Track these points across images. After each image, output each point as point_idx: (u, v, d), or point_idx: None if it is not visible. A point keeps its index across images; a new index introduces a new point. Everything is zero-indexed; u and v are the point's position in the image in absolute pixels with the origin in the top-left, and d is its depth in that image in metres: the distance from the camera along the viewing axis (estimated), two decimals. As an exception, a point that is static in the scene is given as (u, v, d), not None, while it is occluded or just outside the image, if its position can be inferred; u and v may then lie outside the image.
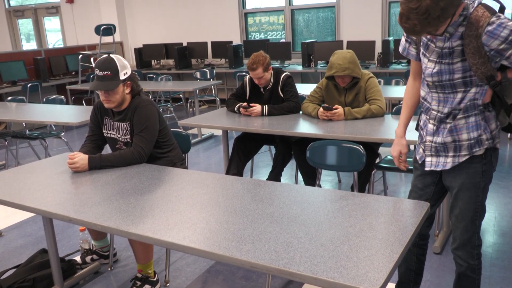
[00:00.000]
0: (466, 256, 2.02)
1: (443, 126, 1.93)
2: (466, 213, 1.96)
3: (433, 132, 1.97)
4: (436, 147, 1.97)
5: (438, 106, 1.92)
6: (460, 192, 1.96)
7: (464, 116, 1.88)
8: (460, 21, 1.76)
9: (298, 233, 1.62)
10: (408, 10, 1.60)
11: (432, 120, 1.96)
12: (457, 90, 1.86)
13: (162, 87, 6.76)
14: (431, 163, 2.01)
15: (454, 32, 1.79)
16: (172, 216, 1.82)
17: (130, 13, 9.45)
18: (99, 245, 3.01)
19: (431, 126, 1.97)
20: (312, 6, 7.85)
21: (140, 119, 2.62)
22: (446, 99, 1.90)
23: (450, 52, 1.82)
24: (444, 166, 1.97)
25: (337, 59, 3.25)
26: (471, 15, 1.74)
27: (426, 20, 1.60)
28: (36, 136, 4.99)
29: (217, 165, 5.09)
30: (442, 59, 1.84)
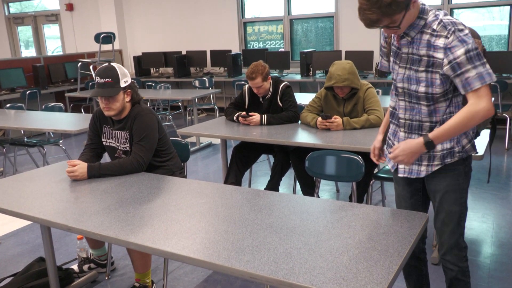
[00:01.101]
0: (455, 259, 2.05)
1: (416, 135, 1.97)
2: (453, 215, 1.99)
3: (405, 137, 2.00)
4: None
5: (404, 114, 1.98)
6: (445, 195, 1.99)
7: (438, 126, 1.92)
8: (420, 25, 1.84)
9: (297, 243, 1.62)
10: (362, 2, 1.76)
11: (403, 128, 2.01)
12: (421, 102, 1.92)
13: (161, 95, 6.77)
14: (404, 170, 2.05)
15: (416, 37, 1.85)
16: (171, 226, 1.82)
17: (129, 21, 9.49)
18: (97, 253, 3.00)
19: (402, 134, 2.02)
20: (310, 16, 7.89)
21: (139, 128, 2.62)
22: (412, 108, 1.95)
23: (418, 59, 1.87)
24: (419, 174, 2.01)
25: (336, 70, 3.27)
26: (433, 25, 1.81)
27: (378, 8, 1.72)
28: (35, 143, 4.98)
29: (216, 173, 5.09)
30: (411, 65, 1.91)
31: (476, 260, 2.96)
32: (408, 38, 1.88)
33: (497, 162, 4.96)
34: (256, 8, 8.49)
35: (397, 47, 1.96)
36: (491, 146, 2.38)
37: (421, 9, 1.84)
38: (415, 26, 1.84)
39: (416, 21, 1.84)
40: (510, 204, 3.85)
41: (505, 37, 6.60)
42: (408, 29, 1.86)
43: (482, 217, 3.62)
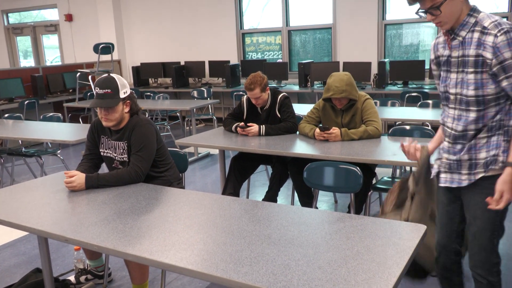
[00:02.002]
0: (485, 273, 1.99)
1: (461, 146, 1.94)
2: (484, 232, 1.94)
3: (448, 150, 1.99)
4: (449, 163, 1.99)
5: (452, 124, 1.95)
6: (479, 211, 1.94)
7: (488, 135, 1.88)
8: (471, 23, 1.82)
9: (295, 255, 1.61)
10: None
11: (448, 138, 1.99)
12: (470, 108, 1.88)
13: (159, 105, 6.78)
14: (445, 179, 2.02)
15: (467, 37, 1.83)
16: (169, 237, 1.82)
17: (128, 32, 9.54)
18: (94, 264, 2.99)
19: (447, 143, 2.00)
20: (309, 27, 7.94)
21: (137, 138, 2.62)
22: (460, 117, 1.92)
23: (467, 61, 1.85)
24: (460, 183, 1.97)
25: (334, 82, 3.28)
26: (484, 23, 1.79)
27: None
28: (32, 153, 4.98)
29: (214, 184, 5.08)
30: (462, 67, 1.87)
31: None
32: (459, 38, 1.86)
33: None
34: (255, 19, 8.54)
35: (447, 55, 1.94)
36: None
37: (472, 8, 1.83)
38: (465, 24, 1.83)
39: (466, 18, 1.82)
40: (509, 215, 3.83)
41: (501, 49, 6.64)
42: (459, 29, 1.84)
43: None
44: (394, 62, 6.91)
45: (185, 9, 8.83)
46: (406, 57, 7.30)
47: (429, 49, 7.08)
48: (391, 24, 7.26)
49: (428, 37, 7.14)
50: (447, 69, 1.95)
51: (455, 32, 1.86)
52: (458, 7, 1.81)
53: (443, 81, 1.98)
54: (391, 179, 3.48)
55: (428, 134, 3.47)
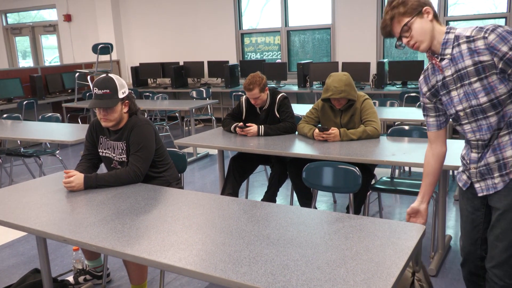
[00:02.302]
0: (503, 275, 1.97)
1: (486, 149, 1.92)
2: (508, 234, 1.92)
3: (478, 159, 1.95)
4: (480, 171, 1.95)
5: (475, 136, 1.92)
6: (504, 213, 1.91)
7: (509, 131, 1.86)
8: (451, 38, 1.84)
9: (294, 255, 1.61)
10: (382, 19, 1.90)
11: (475, 149, 1.95)
12: (487, 114, 1.85)
13: (158, 105, 6.78)
14: (481, 188, 1.98)
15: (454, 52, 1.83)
16: (168, 237, 1.81)
17: (127, 32, 9.53)
18: (93, 265, 2.98)
19: (474, 155, 1.96)
20: (308, 27, 7.95)
21: (136, 139, 2.62)
22: (480, 127, 1.89)
23: (465, 73, 1.83)
24: (496, 188, 1.94)
25: (333, 82, 3.28)
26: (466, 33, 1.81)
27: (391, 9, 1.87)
28: (31, 154, 4.97)
29: (212, 184, 5.08)
30: (461, 81, 1.86)
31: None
32: (448, 56, 1.86)
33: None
34: (254, 20, 8.54)
35: (441, 79, 1.93)
36: None
37: (448, 26, 1.87)
38: (447, 42, 1.85)
39: (445, 36, 1.85)
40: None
41: (500, 49, 6.65)
42: (442, 48, 1.86)
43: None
44: (393, 62, 6.92)
45: (184, 9, 8.83)
46: (405, 58, 7.30)
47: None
48: (390, 24, 7.25)
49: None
50: (447, 91, 1.94)
51: (440, 52, 1.88)
52: (428, 25, 1.85)
53: (448, 104, 1.95)
54: (390, 180, 3.48)
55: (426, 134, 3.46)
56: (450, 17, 6.86)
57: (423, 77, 2.03)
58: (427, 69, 2.02)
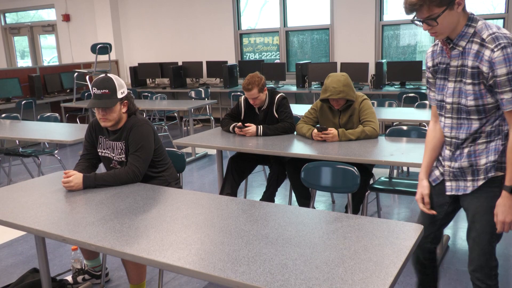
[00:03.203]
0: (484, 277, 2.01)
1: (460, 151, 1.94)
2: (483, 236, 1.95)
3: (450, 157, 1.98)
4: (453, 172, 1.98)
5: (450, 133, 1.95)
6: (477, 215, 1.95)
7: (486, 140, 1.89)
8: (470, 33, 1.81)
9: (293, 255, 1.62)
10: None
11: (448, 146, 1.98)
12: (471, 117, 1.87)
13: (156, 105, 6.78)
14: (451, 187, 2.02)
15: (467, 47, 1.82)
16: (167, 237, 1.82)
17: (126, 32, 9.53)
18: (91, 264, 2.98)
19: (448, 152, 1.99)
20: (306, 28, 7.96)
21: (135, 138, 2.63)
22: (459, 126, 1.91)
23: (465, 71, 1.84)
24: (465, 190, 1.98)
25: (331, 82, 3.29)
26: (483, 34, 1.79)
27: None
28: (30, 153, 4.97)
29: (211, 184, 5.09)
30: (461, 77, 1.86)
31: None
32: (459, 48, 1.84)
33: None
34: (252, 20, 8.55)
35: (446, 63, 1.92)
36: None
37: (470, 18, 1.82)
38: (464, 35, 1.82)
39: (465, 29, 1.81)
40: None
41: (498, 50, 6.67)
42: (458, 39, 1.83)
43: (477, 228, 3.62)
44: (391, 63, 6.93)
45: (183, 9, 8.83)
46: (403, 58, 7.31)
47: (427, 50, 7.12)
48: (389, 25, 7.27)
49: (426, 38, 7.15)
50: (445, 77, 1.94)
51: (454, 42, 1.85)
52: (455, 18, 1.79)
53: (440, 89, 1.96)
54: (388, 180, 3.49)
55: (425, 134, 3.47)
56: (449, 18, 6.87)
57: (431, 52, 2.01)
58: (436, 44, 1.98)
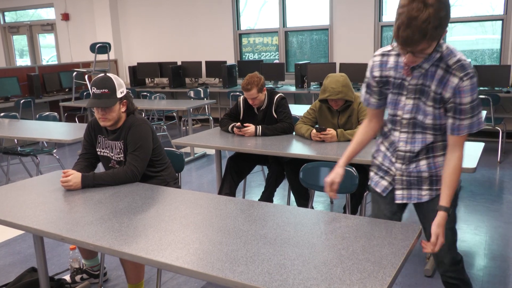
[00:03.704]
0: (456, 274, 2.07)
1: (416, 164, 1.96)
2: (447, 236, 1.98)
3: (402, 168, 1.99)
4: (409, 180, 2.00)
5: (405, 147, 1.95)
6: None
7: (443, 153, 1.93)
8: (436, 57, 1.77)
9: (291, 255, 1.62)
10: (410, 18, 1.57)
11: (401, 160, 1.98)
12: (427, 132, 1.90)
13: (155, 105, 6.78)
14: (402, 195, 2.03)
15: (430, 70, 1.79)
16: (165, 236, 1.82)
17: (125, 32, 9.53)
18: (90, 264, 2.98)
19: (399, 165, 1.99)
20: (305, 28, 7.96)
21: (134, 138, 2.62)
22: (414, 140, 1.92)
23: (427, 92, 1.82)
24: (420, 199, 2.00)
25: (330, 83, 3.29)
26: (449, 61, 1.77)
27: (425, 29, 1.57)
28: (28, 152, 4.96)
29: (210, 184, 5.09)
30: (420, 95, 1.85)
31: (469, 273, 2.97)
32: (422, 70, 1.80)
33: (489, 174, 5.00)
34: (252, 20, 8.55)
35: (402, 78, 1.87)
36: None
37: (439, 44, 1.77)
38: (431, 59, 1.76)
39: (432, 53, 1.74)
40: (502, 216, 3.87)
41: (497, 51, 6.69)
42: (423, 62, 1.77)
43: (475, 229, 3.63)
44: (390, 63, 6.92)
45: (182, 9, 8.83)
46: (402, 59, 7.31)
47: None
48: (388, 25, 7.28)
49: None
50: (399, 92, 1.90)
51: (419, 64, 1.77)
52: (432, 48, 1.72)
53: (393, 104, 1.92)
54: (387, 180, 3.49)
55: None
56: (448, 19, 6.88)
57: (380, 62, 1.91)
58: (386, 55, 1.89)
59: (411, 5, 1.56)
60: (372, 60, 1.94)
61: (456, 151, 1.85)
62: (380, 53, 1.92)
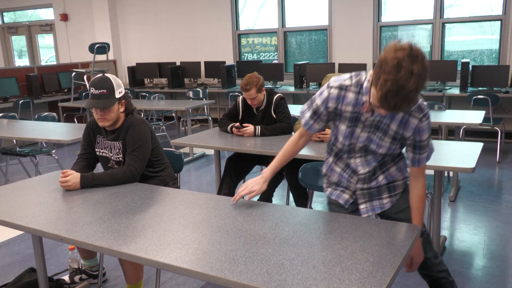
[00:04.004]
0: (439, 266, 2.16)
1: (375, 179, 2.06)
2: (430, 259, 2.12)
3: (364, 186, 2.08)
4: (370, 192, 2.08)
5: (364, 169, 2.03)
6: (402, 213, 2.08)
7: (394, 162, 2.05)
8: None
9: (290, 254, 1.62)
10: (398, 86, 1.56)
11: (361, 181, 2.06)
12: (378, 155, 2.00)
13: (154, 105, 6.78)
14: (366, 209, 2.11)
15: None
16: (165, 236, 1.82)
17: (124, 32, 9.52)
18: (89, 264, 2.98)
19: (360, 185, 2.07)
20: (304, 28, 7.96)
21: (132, 138, 2.62)
22: (368, 161, 2.01)
23: (385, 130, 1.90)
24: (383, 208, 2.10)
25: (329, 82, 3.29)
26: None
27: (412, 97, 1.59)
28: (27, 153, 4.96)
29: (209, 184, 5.09)
30: (376, 130, 1.92)
31: (467, 273, 2.97)
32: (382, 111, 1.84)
33: (488, 175, 5.00)
34: (251, 20, 8.55)
35: (357, 112, 1.89)
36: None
37: None
38: None
39: None
40: (501, 216, 3.87)
41: (496, 51, 6.69)
42: None
43: (474, 229, 3.64)
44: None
45: (181, 9, 8.83)
46: (401, 59, 7.31)
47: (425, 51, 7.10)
48: (387, 26, 7.29)
49: (423, 39, 7.17)
50: (355, 125, 1.93)
51: None
52: None
53: (348, 135, 1.96)
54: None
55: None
56: (446, 19, 6.89)
57: (337, 95, 1.90)
58: (346, 89, 1.89)
59: (398, 74, 1.55)
60: (328, 92, 1.92)
61: (420, 180, 1.99)
62: (338, 86, 1.90)
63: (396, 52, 1.56)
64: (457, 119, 4.43)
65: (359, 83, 1.86)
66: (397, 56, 1.55)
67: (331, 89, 1.91)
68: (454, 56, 6.98)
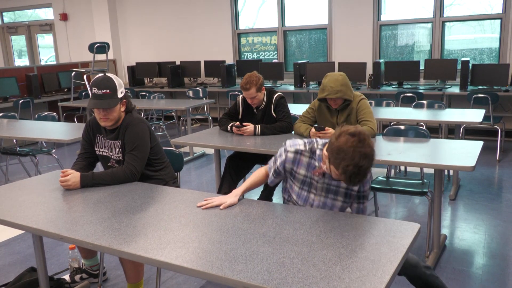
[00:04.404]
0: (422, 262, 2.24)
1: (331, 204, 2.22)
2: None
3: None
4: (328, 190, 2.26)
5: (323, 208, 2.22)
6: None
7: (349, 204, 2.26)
8: None
9: (290, 253, 1.62)
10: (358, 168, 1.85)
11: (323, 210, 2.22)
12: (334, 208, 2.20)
13: (154, 105, 6.78)
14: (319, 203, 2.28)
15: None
16: (165, 235, 1.82)
17: (124, 31, 9.52)
18: (89, 263, 2.98)
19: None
20: (304, 27, 7.96)
21: (131, 137, 2.62)
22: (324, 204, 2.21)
23: (335, 190, 2.14)
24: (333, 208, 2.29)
25: (329, 82, 3.29)
26: None
27: (367, 173, 1.90)
28: (27, 152, 4.96)
29: (209, 183, 5.09)
30: (327, 193, 2.15)
31: (468, 271, 2.97)
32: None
33: (488, 173, 5.00)
34: (250, 19, 8.55)
35: (310, 177, 2.15)
36: None
37: None
38: None
39: None
40: (501, 215, 3.87)
41: (496, 50, 6.69)
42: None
43: (474, 228, 3.64)
44: (389, 62, 6.94)
45: (181, 8, 8.82)
46: (401, 58, 7.32)
47: (425, 50, 7.13)
48: (386, 24, 7.29)
49: (423, 38, 7.17)
50: (308, 190, 2.18)
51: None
52: None
53: (303, 199, 2.19)
54: (386, 179, 3.50)
55: (422, 134, 3.49)
56: (446, 18, 6.89)
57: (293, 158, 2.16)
58: (302, 154, 2.16)
59: (356, 158, 1.84)
60: (286, 155, 2.19)
61: None
62: (294, 150, 2.18)
63: (348, 140, 1.86)
64: (457, 117, 4.43)
65: (312, 150, 2.15)
66: (352, 144, 1.86)
67: (288, 153, 2.19)
68: (454, 54, 6.98)
